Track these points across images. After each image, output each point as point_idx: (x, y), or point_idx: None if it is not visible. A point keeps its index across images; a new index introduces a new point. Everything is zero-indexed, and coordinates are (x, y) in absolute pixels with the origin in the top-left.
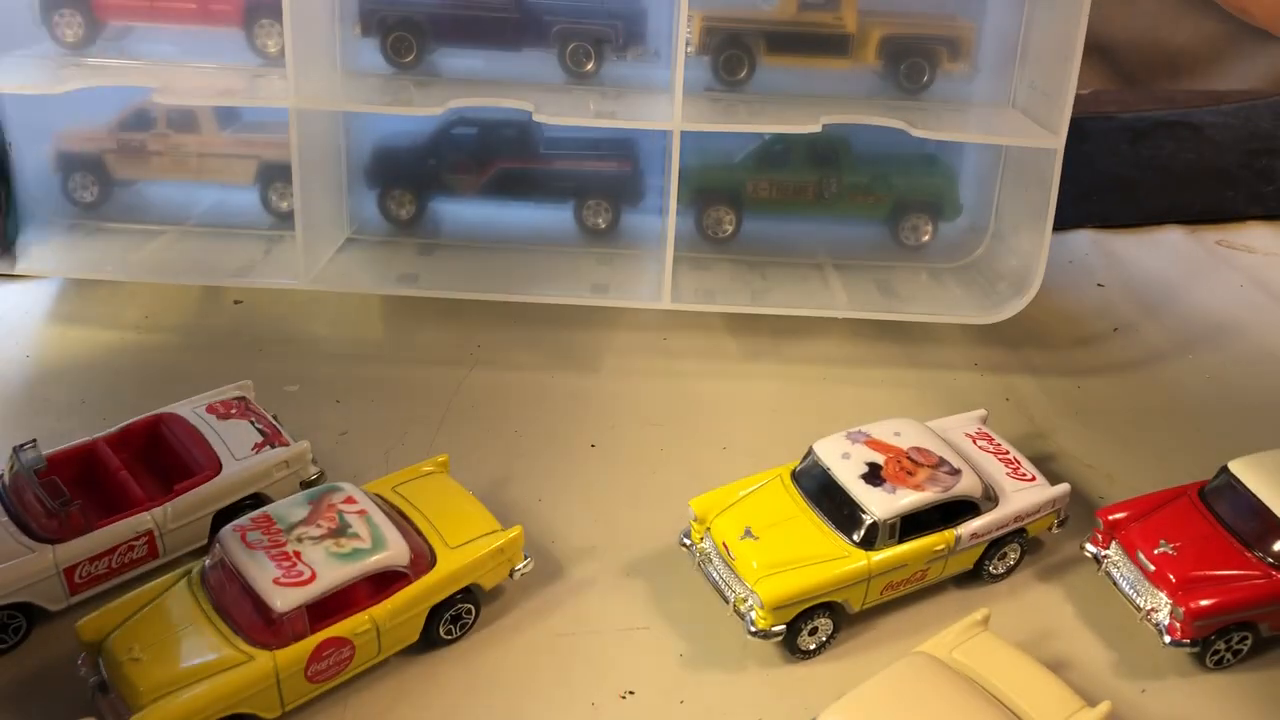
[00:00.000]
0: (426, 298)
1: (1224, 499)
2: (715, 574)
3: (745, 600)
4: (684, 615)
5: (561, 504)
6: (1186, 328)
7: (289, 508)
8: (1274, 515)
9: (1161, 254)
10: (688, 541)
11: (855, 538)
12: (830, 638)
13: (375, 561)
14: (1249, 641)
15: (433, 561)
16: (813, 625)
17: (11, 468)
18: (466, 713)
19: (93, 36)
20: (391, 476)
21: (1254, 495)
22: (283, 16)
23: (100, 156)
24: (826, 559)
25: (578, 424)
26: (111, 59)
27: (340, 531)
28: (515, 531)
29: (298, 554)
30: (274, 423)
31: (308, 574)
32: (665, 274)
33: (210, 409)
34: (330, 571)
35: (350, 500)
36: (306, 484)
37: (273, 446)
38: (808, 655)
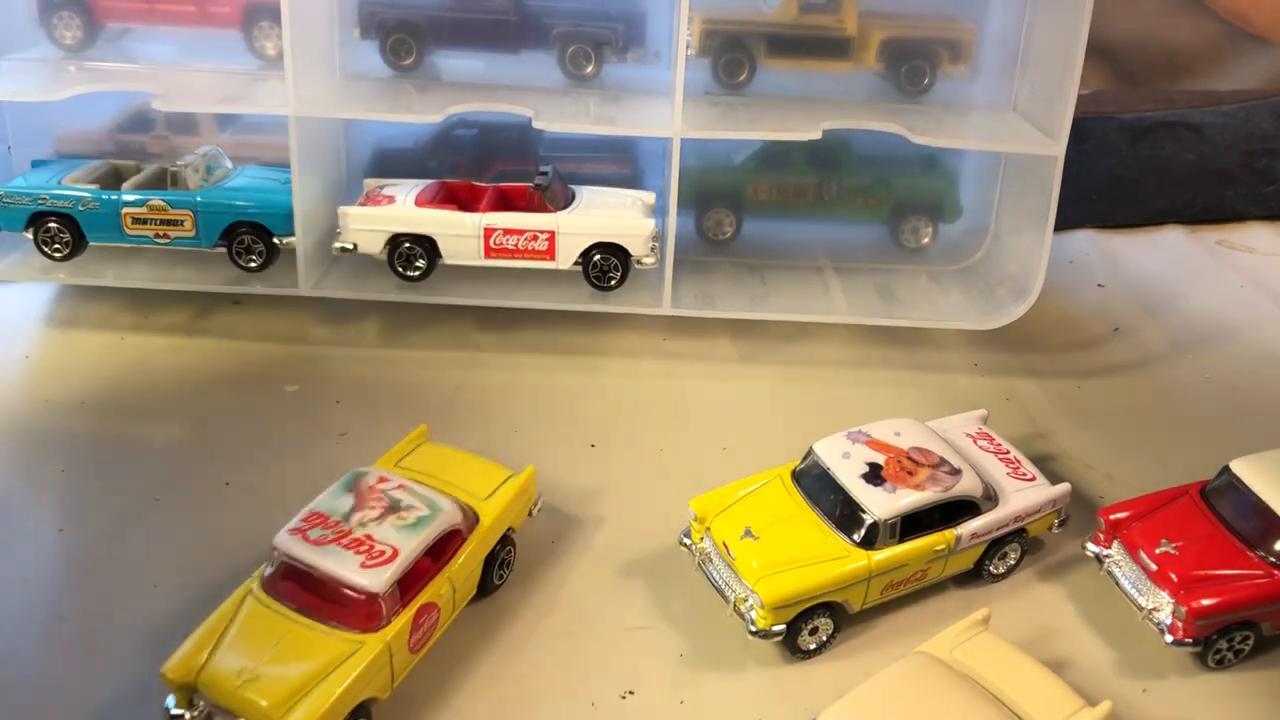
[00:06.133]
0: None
1: (1226, 498)
2: (715, 574)
3: (745, 600)
4: (684, 615)
5: (561, 504)
6: (1186, 328)
7: (334, 500)
8: (1276, 515)
9: (1161, 254)
10: (688, 541)
11: (855, 537)
12: (830, 638)
13: (440, 523)
14: (1251, 641)
15: (476, 516)
16: (813, 625)
17: None
18: (468, 713)
19: (91, 38)
20: (388, 456)
21: (1256, 495)
22: (281, 19)
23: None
24: (827, 559)
25: (577, 424)
26: (110, 61)
27: (396, 507)
28: (529, 471)
29: (369, 536)
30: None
31: (389, 551)
32: (665, 279)
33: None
34: (408, 543)
35: (384, 479)
36: None
37: None
38: (808, 655)
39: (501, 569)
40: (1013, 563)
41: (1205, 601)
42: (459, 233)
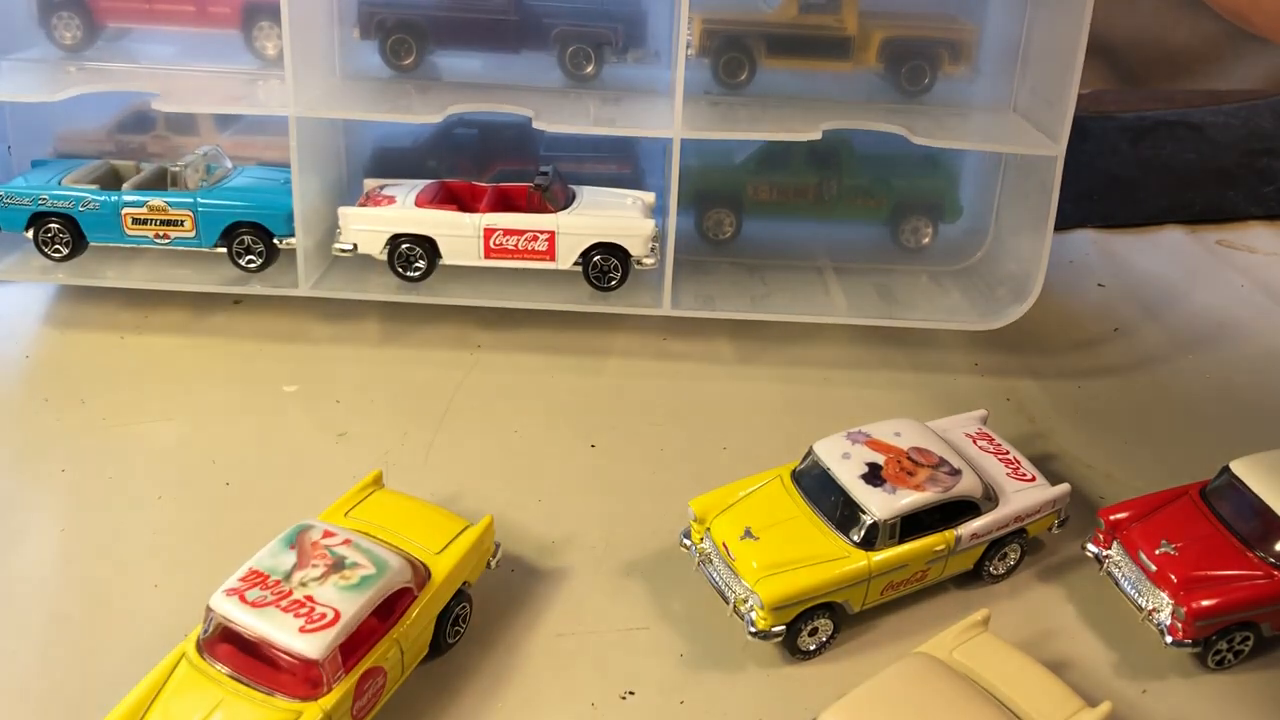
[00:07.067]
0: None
1: (1225, 499)
2: (715, 574)
3: (745, 600)
4: (684, 615)
5: (561, 504)
6: (1187, 328)
7: (275, 557)
8: (1276, 515)
9: (1162, 254)
10: (688, 541)
11: (855, 538)
12: (830, 638)
13: (386, 583)
14: (1250, 642)
15: (427, 572)
16: (813, 626)
17: None
18: (469, 714)
19: (91, 39)
20: (337, 504)
21: (1255, 495)
22: (281, 19)
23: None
24: (826, 559)
25: (578, 424)
26: (110, 62)
27: (340, 565)
28: (485, 522)
29: (310, 598)
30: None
31: (331, 614)
32: (665, 280)
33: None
34: (350, 605)
35: (328, 534)
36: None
37: None
38: (808, 656)
39: (456, 626)
40: (1013, 563)
41: (1205, 602)
42: (459, 233)
